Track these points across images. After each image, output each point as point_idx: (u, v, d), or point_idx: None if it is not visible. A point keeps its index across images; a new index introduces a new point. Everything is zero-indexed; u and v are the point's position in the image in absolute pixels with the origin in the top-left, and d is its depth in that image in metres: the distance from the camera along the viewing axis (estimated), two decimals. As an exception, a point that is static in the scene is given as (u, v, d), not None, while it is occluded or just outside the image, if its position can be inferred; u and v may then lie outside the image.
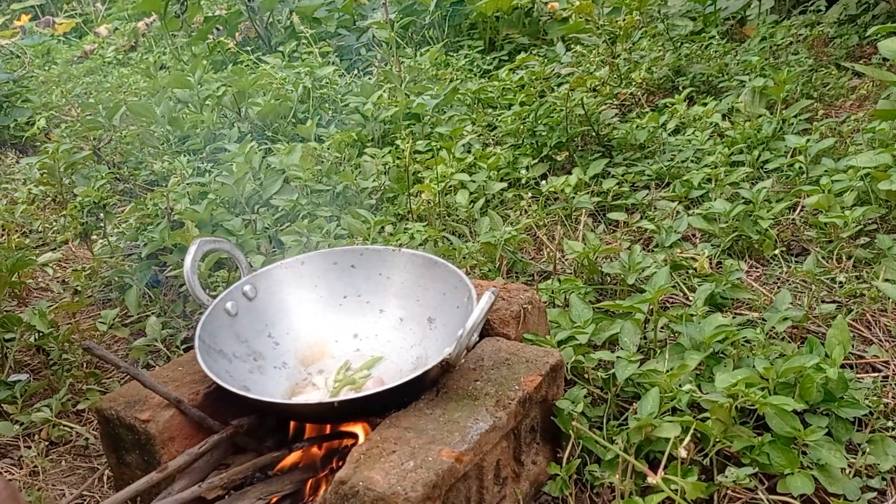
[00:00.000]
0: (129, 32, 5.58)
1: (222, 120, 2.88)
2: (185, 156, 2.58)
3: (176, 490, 1.16)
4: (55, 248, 2.39)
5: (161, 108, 2.83)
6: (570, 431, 1.23)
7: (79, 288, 1.99)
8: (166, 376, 1.33)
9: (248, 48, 4.01)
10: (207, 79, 3.12)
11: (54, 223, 2.53)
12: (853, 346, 1.44)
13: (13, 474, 1.42)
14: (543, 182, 2.16)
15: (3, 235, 2.46)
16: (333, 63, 3.47)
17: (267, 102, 2.78)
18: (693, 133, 2.31)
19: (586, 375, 1.38)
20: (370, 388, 1.29)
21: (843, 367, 1.31)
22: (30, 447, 1.47)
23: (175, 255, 1.93)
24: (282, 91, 2.91)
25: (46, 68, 5.21)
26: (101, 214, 2.11)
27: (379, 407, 1.18)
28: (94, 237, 2.17)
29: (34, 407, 1.54)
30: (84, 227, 2.11)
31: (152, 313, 1.87)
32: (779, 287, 1.66)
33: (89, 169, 2.51)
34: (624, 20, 2.71)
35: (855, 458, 1.19)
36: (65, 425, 1.51)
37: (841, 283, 1.61)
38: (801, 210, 1.92)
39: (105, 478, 1.40)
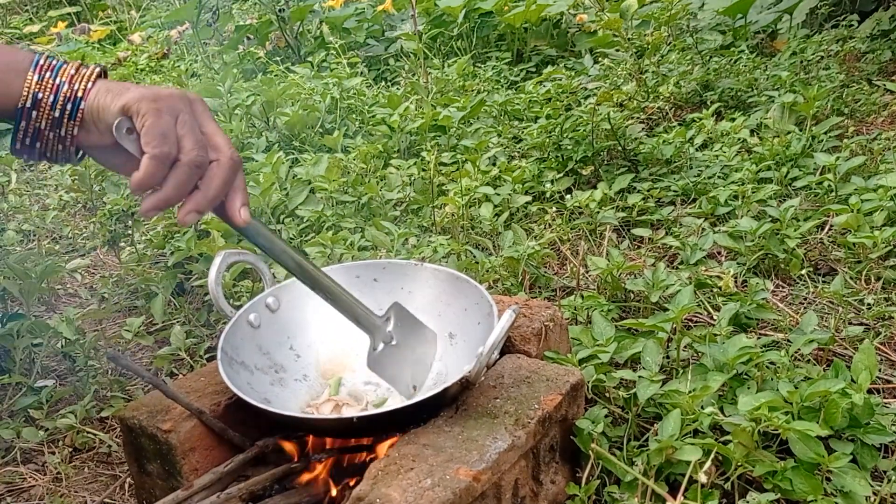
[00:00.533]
0: (162, 40, 5.66)
1: (251, 129, 2.91)
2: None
3: (195, 501, 1.17)
4: (84, 255, 2.42)
5: (191, 117, 2.86)
6: (590, 452, 1.22)
7: (106, 295, 2.02)
8: (189, 387, 1.34)
9: (278, 57, 4.05)
10: (237, 88, 3.16)
11: (84, 229, 2.57)
12: (880, 370, 1.42)
13: (37, 480, 1.44)
14: (568, 196, 2.16)
15: (34, 241, 2.50)
16: (362, 73, 3.49)
17: (295, 113, 2.80)
18: (720, 149, 2.30)
19: (607, 394, 1.37)
20: (390, 405, 1.29)
21: (869, 391, 1.29)
22: (54, 453, 1.49)
23: (201, 264, 1.95)
24: (310, 101, 2.93)
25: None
26: (129, 222, 2.14)
27: (398, 423, 1.19)
28: (122, 244, 2.20)
29: (59, 413, 1.57)
30: (112, 234, 2.14)
31: (177, 322, 1.89)
32: (805, 308, 1.64)
33: (119, 177, 2.55)
34: (651, 35, 2.70)
35: (880, 486, 1.17)
36: (88, 432, 1.53)
37: (869, 304, 1.58)
38: (830, 229, 1.89)
39: (126, 486, 1.42)
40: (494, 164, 2.38)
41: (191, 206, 0.92)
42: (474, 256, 1.91)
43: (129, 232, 2.15)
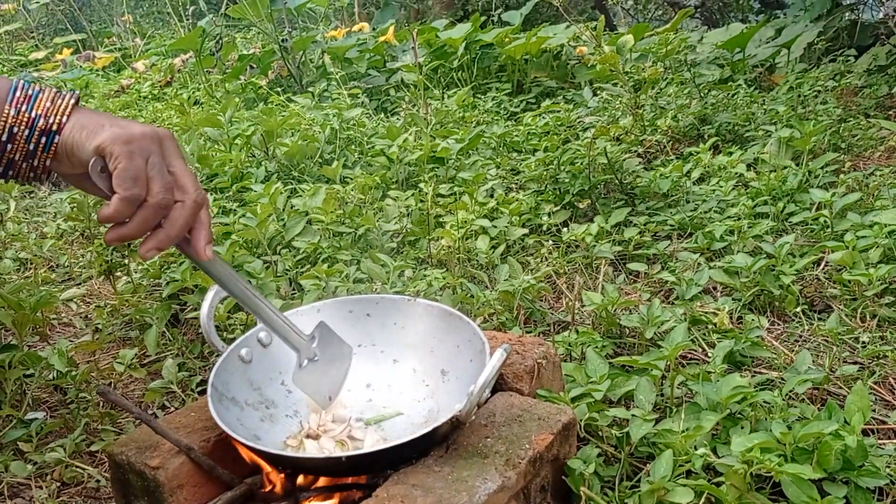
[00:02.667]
0: (166, 68, 5.70)
1: (250, 159, 2.92)
2: (211, 194, 2.61)
3: (182, 540, 1.16)
4: (80, 284, 2.42)
5: (191, 146, 2.88)
6: (581, 493, 1.21)
7: (100, 326, 2.01)
8: (179, 422, 1.33)
9: (280, 87, 4.08)
10: (238, 117, 3.18)
11: (81, 258, 2.57)
12: (875, 410, 1.41)
13: (24, 516, 1.42)
14: (565, 229, 2.16)
15: (30, 269, 2.50)
16: (362, 103, 3.51)
17: (294, 143, 2.81)
18: (717, 183, 2.30)
19: (600, 433, 1.36)
20: (378, 444, 1.28)
21: (863, 432, 1.27)
22: (41, 488, 1.48)
23: (196, 295, 1.94)
24: (310, 132, 2.94)
25: (84, 101, 5.33)
26: (126, 252, 2.13)
27: (387, 462, 1.17)
28: (118, 274, 2.20)
29: (49, 447, 1.55)
30: (108, 263, 2.14)
31: (170, 354, 1.88)
32: (800, 345, 1.63)
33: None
34: (648, 69, 2.71)
35: (875, 530, 1.15)
36: (77, 466, 1.52)
37: (864, 343, 1.57)
38: (825, 266, 1.89)
39: (114, 522, 1.40)
40: (492, 196, 2.38)
41: (152, 244, 0.97)
42: (469, 290, 1.90)
43: (125, 262, 2.15)
